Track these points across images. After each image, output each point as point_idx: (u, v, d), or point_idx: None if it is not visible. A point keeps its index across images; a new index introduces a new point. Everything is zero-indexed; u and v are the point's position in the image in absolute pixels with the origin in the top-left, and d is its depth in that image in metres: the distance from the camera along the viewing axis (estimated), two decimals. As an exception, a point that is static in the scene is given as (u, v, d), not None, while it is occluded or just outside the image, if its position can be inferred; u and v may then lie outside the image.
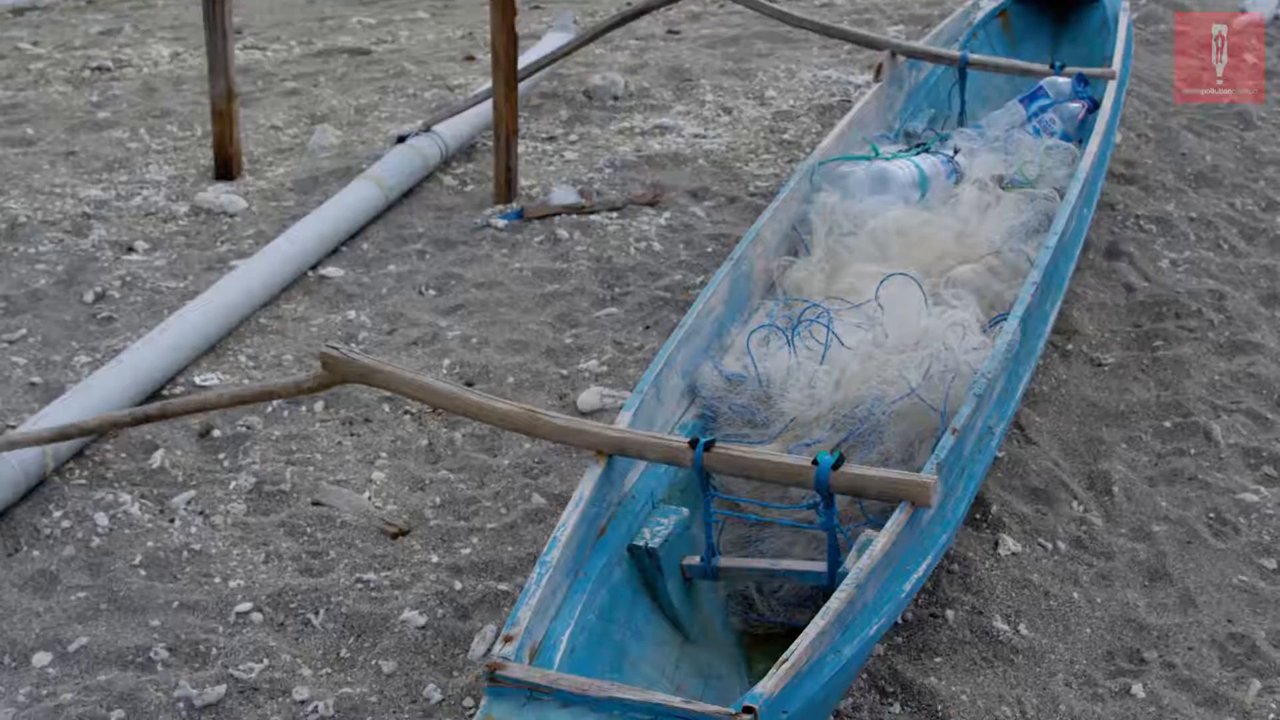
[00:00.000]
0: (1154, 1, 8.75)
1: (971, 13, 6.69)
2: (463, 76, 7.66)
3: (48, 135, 6.86)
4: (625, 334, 4.78)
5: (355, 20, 9.70)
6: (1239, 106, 6.90)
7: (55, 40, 9.43)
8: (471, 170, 6.23)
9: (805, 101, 7.05)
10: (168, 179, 6.22)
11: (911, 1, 9.19)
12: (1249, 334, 4.85)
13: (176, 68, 8.30)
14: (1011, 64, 5.87)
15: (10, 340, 4.78)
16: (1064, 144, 5.21)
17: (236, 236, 5.59)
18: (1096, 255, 5.37)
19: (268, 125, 6.95)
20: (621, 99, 7.07)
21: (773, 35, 8.17)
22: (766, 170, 6.19)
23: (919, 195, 4.75)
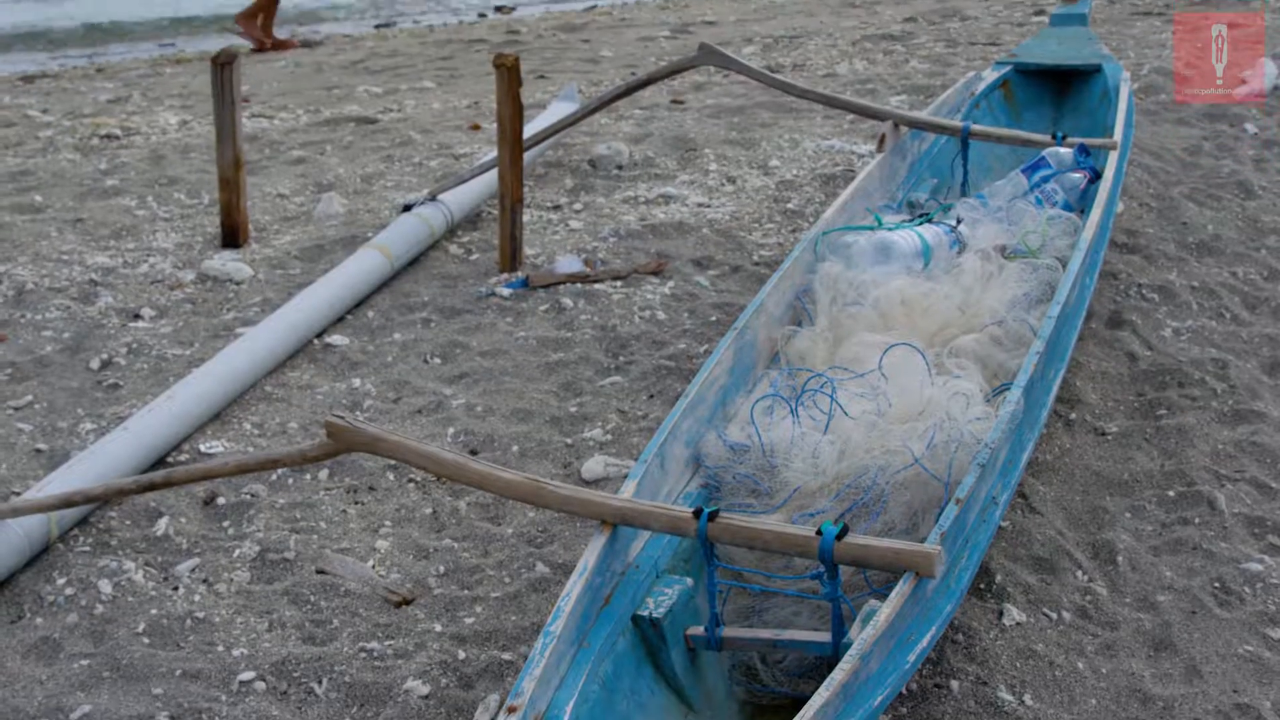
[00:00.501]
0: (1155, 72, 8.81)
1: (974, 83, 6.74)
2: (468, 145, 7.71)
3: (56, 202, 6.90)
4: (629, 403, 4.79)
5: (362, 89, 9.79)
6: (1240, 175, 6.94)
7: (64, 108, 9.51)
8: (477, 239, 6.26)
9: (809, 171, 7.09)
10: (174, 246, 6.26)
11: (914, 72, 9.27)
12: (1252, 403, 4.85)
13: (184, 136, 8.37)
14: (1014, 134, 5.90)
15: (16, 407, 4.80)
16: (1066, 214, 5.24)
17: (243, 304, 5.62)
18: (1099, 324, 5.39)
19: (274, 193, 6.99)
20: (626, 168, 7.12)
21: (776, 105, 8.23)
22: (770, 239, 6.22)
23: (922, 265, 4.77)
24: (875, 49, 10.39)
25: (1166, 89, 8.49)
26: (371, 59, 11.39)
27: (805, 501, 3.60)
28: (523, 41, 11.88)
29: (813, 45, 10.69)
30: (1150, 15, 11.41)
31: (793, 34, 11.31)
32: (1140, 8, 11.83)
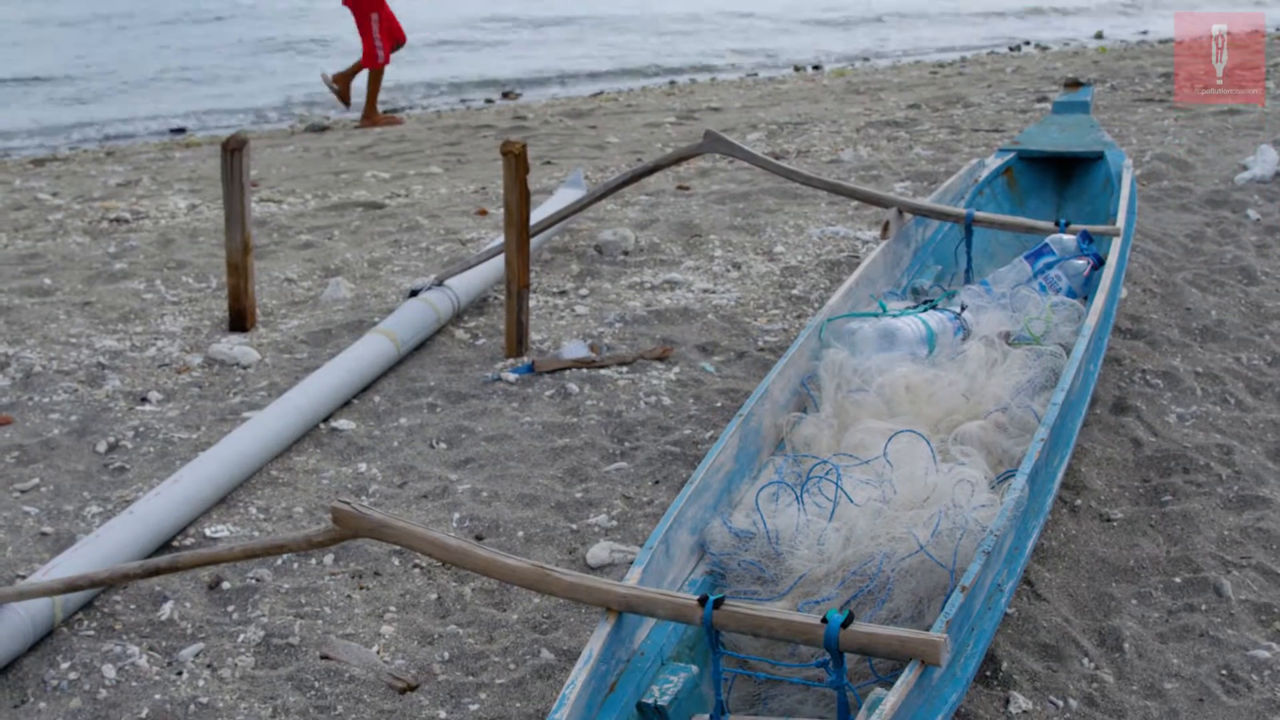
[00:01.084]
0: (1157, 159, 8.87)
1: (977, 170, 6.79)
2: (475, 231, 7.76)
3: (65, 285, 6.94)
4: (635, 488, 4.80)
5: (370, 174, 9.86)
6: (1243, 261, 6.97)
7: (74, 191, 9.58)
8: (483, 324, 6.29)
9: (813, 257, 7.13)
10: (182, 330, 6.29)
11: (918, 158, 9.33)
12: (1258, 489, 4.85)
13: (193, 220, 8.42)
14: (1017, 221, 5.94)
15: (23, 490, 4.80)
16: (1070, 300, 5.26)
17: (249, 388, 5.63)
18: (1104, 410, 5.39)
19: (282, 278, 7.03)
20: (632, 254, 7.16)
21: (781, 191, 8.29)
22: (775, 325, 6.24)
23: (927, 352, 4.79)
24: (879, 135, 10.48)
25: (1169, 175, 8.55)
26: (380, 144, 11.49)
27: (810, 589, 3.59)
28: (529, 127, 11.98)
29: (817, 131, 10.78)
30: (1152, 102, 11.50)
31: (797, 120, 11.40)
32: (1142, 95, 11.93)
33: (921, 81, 13.90)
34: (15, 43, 16.42)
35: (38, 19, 17.80)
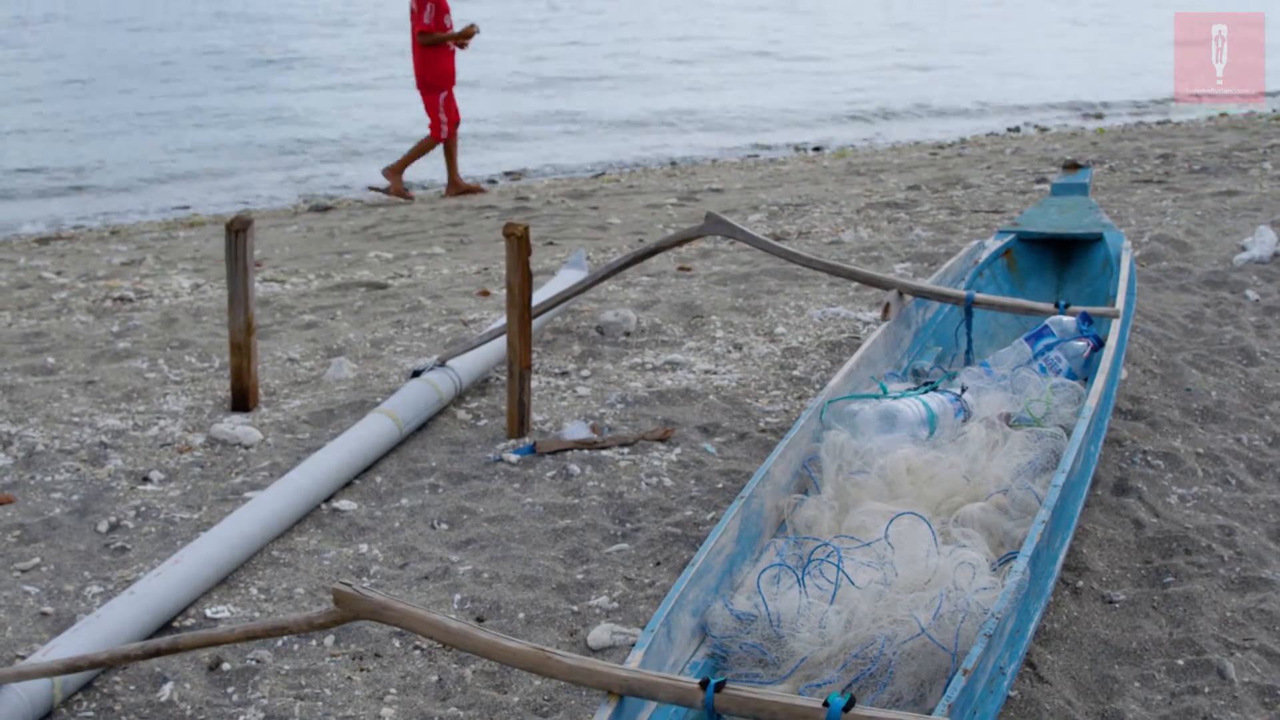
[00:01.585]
0: (1156, 240, 8.92)
1: (977, 252, 6.82)
2: (477, 311, 7.79)
3: (68, 364, 6.96)
4: (636, 570, 4.79)
5: (373, 255, 9.91)
6: (1243, 342, 6.99)
7: (78, 270, 9.63)
8: (485, 405, 6.31)
9: (814, 338, 7.16)
10: (185, 410, 6.30)
11: (918, 239, 9.38)
12: (1260, 570, 4.84)
13: (196, 299, 8.46)
14: (1017, 303, 5.96)
15: (23, 569, 4.80)
16: (1070, 382, 5.28)
17: (251, 468, 5.64)
18: (1105, 491, 5.40)
19: (285, 357, 7.05)
20: (633, 335, 7.18)
21: (782, 272, 8.33)
22: (776, 406, 6.26)
23: (927, 433, 4.80)
24: (880, 216, 10.54)
25: (1168, 256, 8.59)
26: (383, 224, 11.55)
27: (812, 672, 3.58)
28: (531, 208, 12.05)
29: (818, 213, 10.84)
30: (1150, 183, 11.57)
31: (798, 201, 11.47)
32: (1140, 176, 12.00)
33: (921, 163, 14.00)
34: (23, 132, 16.63)
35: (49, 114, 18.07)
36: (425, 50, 12.79)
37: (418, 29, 12.75)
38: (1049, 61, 22.51)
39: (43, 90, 19.24)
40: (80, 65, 20.89)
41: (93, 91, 19.02)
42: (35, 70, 20.78)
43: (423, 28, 12.70)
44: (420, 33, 12.72)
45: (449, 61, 12.94)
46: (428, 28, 12.70)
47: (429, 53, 12.80)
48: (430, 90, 12.89)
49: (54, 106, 18.11)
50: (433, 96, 12.91)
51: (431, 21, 12.70)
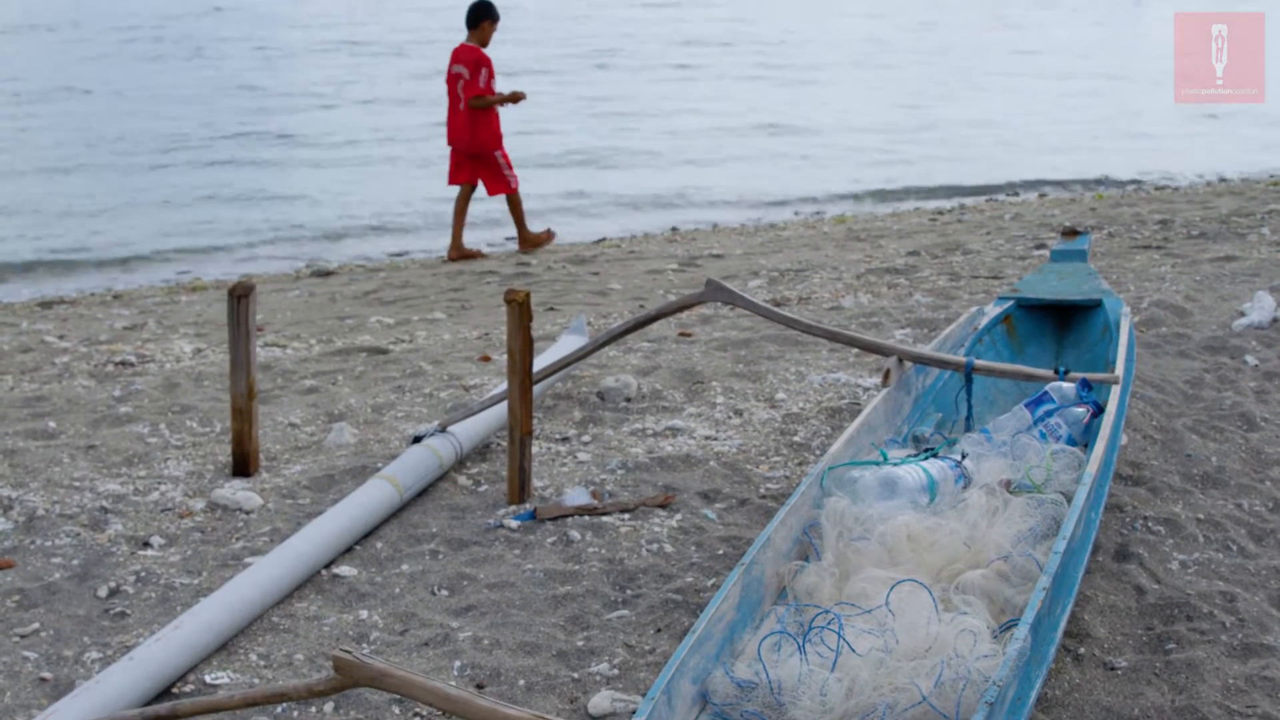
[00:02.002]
0: (1155, 305, 8.95)
1: (977, 318, 6.85)
2: (478, 377, 7.80)
3: (70, 429, 6.97)
4: (637, 637, 4.79)
5: (374, 320, 9.94)
6: (1243, 408, 7.00)
7: (81, 334, 9.65)
8: (486, 470, 6.31)
9: (815, 404, 7.17)
10: (185, 474, 6.31)
11: (918, 305, 9.41)
12: (1262, 637, 4.83)
13: (198, 364, 8.48)
14: (1016, 370, 5.98)
15: (22, 634, 4.79)
16: (1070, 448, 5.29)
17: (252, 534, 5.64)
18: (1106, 557, 5.39)
19: (286, 422, 7.06)
20: (634, 401, 7.20)
21: (782, 338, 8.35)
22: (777, 473, 6.26)
23: (928, 500, 4.81)
24: (880, 282, 10.58)
25: (1167, 322, 8.61)
26: (384, 289, 11.59)
27: (814, 740, 3.58)
28: (533, 273, 12.09)
29: (818, 278, 10.88)
30: (1149, 249, 11.62)
31: (798, 267, 11.51)
32: (1139, 241, 12.05)
33: (921, 228, 14.06)
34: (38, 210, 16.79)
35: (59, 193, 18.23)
36: (476, 114, 13.03)
37: (471, 93, 12.95)
38: (1049, 130, 22.67)
39: (40, 165, 19.42)
40: (80, 139, 21.09)
41: (93, 166, 19.16)
42: (32, 142, 20.98)
43: (477, 91, 12.95)
44: (474, 97, 12.95)
45: (497, 123, 13.21)
46: (482, 91, 12.96)
47: (480, 116, 13.06)
48: (487, 151, 13.17)
49: (50, 183, 18.26)
50: (491, 157, 13.18)
51: (484, 85, 12.98)
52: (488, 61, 13.04)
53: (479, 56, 13.02)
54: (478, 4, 13.15)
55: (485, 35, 13.14)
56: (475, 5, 13.15)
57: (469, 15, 13.16)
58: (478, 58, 13.01)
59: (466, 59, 13.04)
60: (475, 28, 13.12)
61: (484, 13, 13.11)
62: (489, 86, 13.02)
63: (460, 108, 13.10)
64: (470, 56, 13.03)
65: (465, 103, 13.01)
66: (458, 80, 13.08)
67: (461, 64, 13.07)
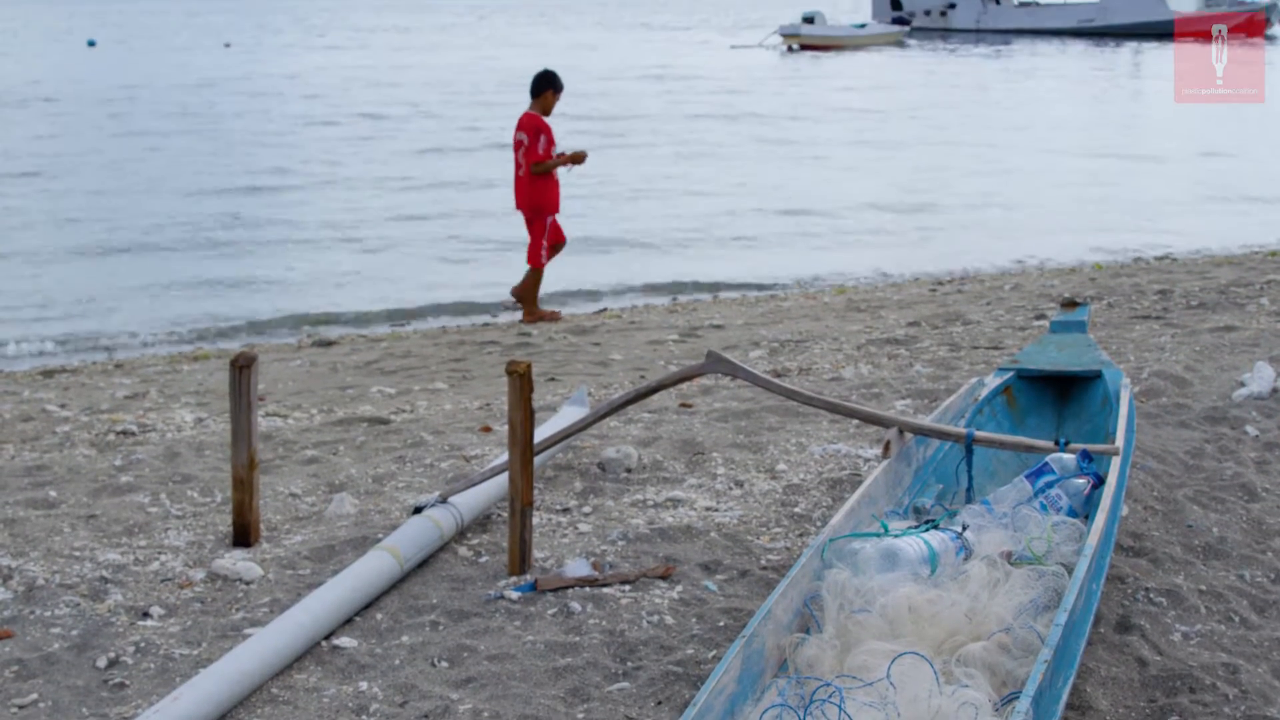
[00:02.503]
0: (1155, 376, 8.96)
1: (977, 389, 6.87)
2: (479, 447, 7.81)
3: (70, 498, 6.97)
4: (638, 709, 4.77)
5: (375, 390, 9.95)
6: (1243, 478, 7.01)
7: (82, 403, 9.67)
8: (486, 541, 6.30)
9: (816, 475, 7.17)
10: (186, 544, 6.30)
11: (918, 376, 9.43)
12: (1265, 709, 4.82)
13: (199, 433, 8.49)
14: (1016, 441, 6.00)
15: (20, 705, 4.78)
16: (1071, 520, 5.30)
17: (252, 604, 5.63)
18: (1108, 629, 5.38)
19: (286, 493, 7.06)
20: (635, 472, 7.20)
21: (783, 409, 8.36)
22: (778, 544, 6.26)
23: (929, 572, 4.81)
24: (880, 353, 10.60)
25: (1167, 392, 8.63)
26: (386, 359, 11.61)
27: (815, 814, 3.56)
28: (534, 344, 12.12)
29: (818, 349, 10.91)
30: (1149, 319, 11.65)
31: (799, 338, 11.54)
32: (1139, 311, 12.09)
33: (921, 299, 14.10)
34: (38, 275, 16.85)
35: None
36: (535, 178, 13.44)
37: (530, 159, 13.33)
38: (1050, 205, 22.81)
39: (46, 238, 19.55)
40: (84, 213, 21.27)
41: (96, 241, 19.30)
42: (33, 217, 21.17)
43: (536, 157, 13.33)
44: (534, 163, 13.32)
45: (556, 189, 13.58)
46: (540, 157, 13.34)
47: (539, 180, 13.45)
48: (539, 215, 13.55)
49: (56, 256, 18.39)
50: (540, 222, 13.55)
51: (544, 151, 13.35)
52: (547, 129, 13.43)
53: (539, 124, 13.42)
54: (541, 74, 13.65)
55: (547, 104, 13.56)
56: (539, 75, 13.64)
57: (533, 84, 13.61)
58: (538, 125, 13.41)
59: (528, 126, 13.44)
60: (538, 96, 13.56)
61: (547, 83, 13.56)
62: (548, 153, 13.39)
63: (521, 173, 13.54)
64: (531, 124, 13.43)
65: (526, 168, 13.43)
66: (519, 146, 13.52)
67: (523, 131, 13.47)
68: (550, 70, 13.73)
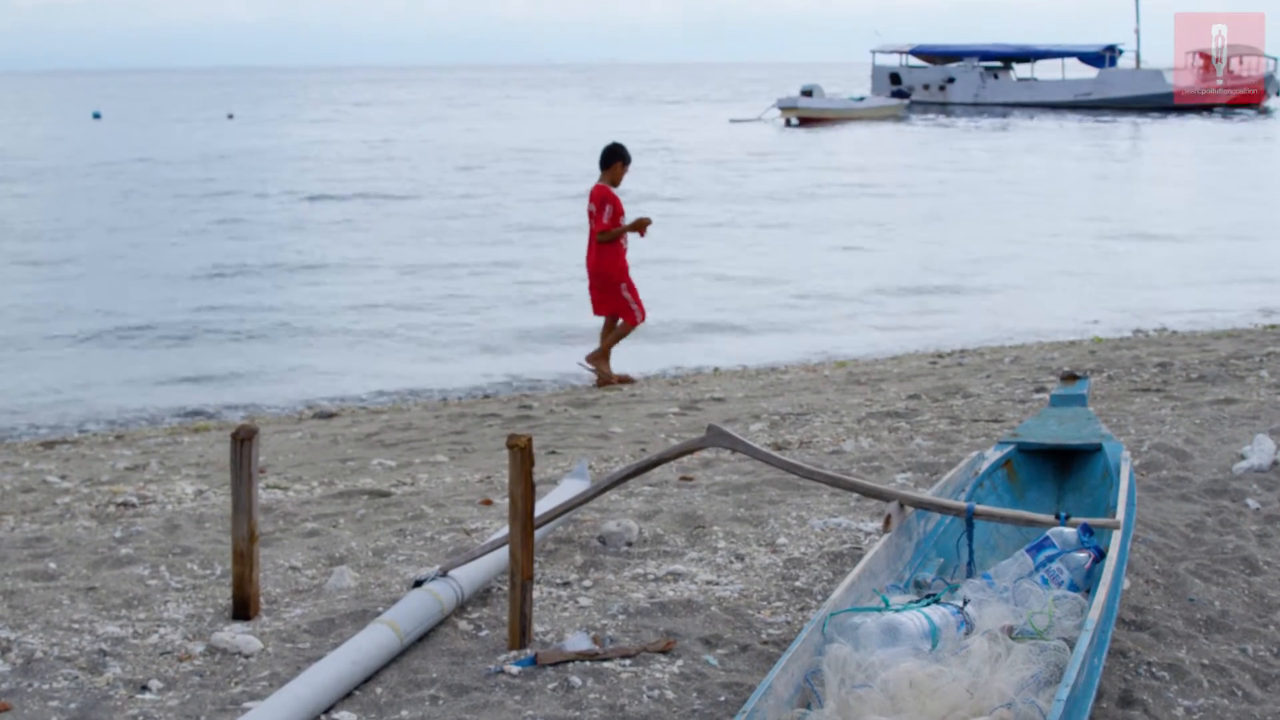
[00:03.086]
0: (1155, 449, 8.97)
1: (977, 463, 6.88)
2: (480, 520, 7.80)
3: (70, 570, 6.96)
4: (638, 784, 4.75)
5: (376, 462, 9.96)
6: (1245, 551, 7.00)
7: (83, 474, 9.68)
8: (486, 615, 6.29)
9: (816, 549, 7.16)
10: (185, 617, 6.29)
11: (919, 449, 9.43)
12: (1268, 786, 4.81)
13: (200, 505, 8.48)
14: (1017, 515, 6.00)
15: (18, 781, 4.77)
16: (1072, 594, 5.30)
17: (251, 678, 5.61)
18: (1110, 704, 5.36)
19: (287, 565, 7.05)
20: (635, 545, 7.19)
21: (784, 483, 8.36)
22: (779, 618, 6.24)
23: (930, 647, 4.80)
24: (880, 426, 10.61)
25: (1168, 465, 8.63)
26: (386, 431, 11.62)
27: None
28: (534, 416, 12.13)
29: (819, 422, 10.92)
30: (1148, 392, 11.67)
31: (799, 411, 11.55)
32: (1138, 385, 12.11)
33: (921, 372, 14.13)
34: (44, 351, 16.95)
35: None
36: (604, 247, 14.03)
37: (598, 228, 14.00)
38: (1050, 277, 22.93)
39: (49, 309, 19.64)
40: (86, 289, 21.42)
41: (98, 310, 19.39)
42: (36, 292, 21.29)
43: (603, 226, 13.91)
44: (600, 231, 13.96)
45: (622, 257, 14.15)
46: (607, 226, 13.92)
47: (606, 249, 14.05)
48: (609, 284, 14.14)
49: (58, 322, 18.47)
50: (616, 288, 14.14)
51: (610, 220, 13.92)
52: (615, 199, 14.01)
53: (607, 195, 14.02)
54: (610, 148, 14.35)
55: (616, 175, 14.21)
56: (607, 149, 14.34)
57: (602, 157, 14.29)
58: (606, 195, 14.01)
59: (597, 197, 14.06)
60: (607, 168, 14.20)
61: (615, 155, 14.23)
62: (614, 222, 13.93)
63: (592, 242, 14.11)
64: (600, 195, 14.09)
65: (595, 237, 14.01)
66: (591, 217, 14.10)
67: (593, 202, 14.08)
68: (618, 144, 14.35)
